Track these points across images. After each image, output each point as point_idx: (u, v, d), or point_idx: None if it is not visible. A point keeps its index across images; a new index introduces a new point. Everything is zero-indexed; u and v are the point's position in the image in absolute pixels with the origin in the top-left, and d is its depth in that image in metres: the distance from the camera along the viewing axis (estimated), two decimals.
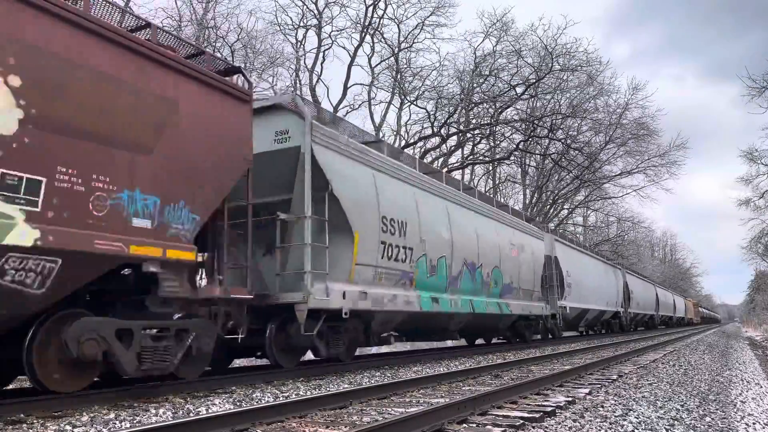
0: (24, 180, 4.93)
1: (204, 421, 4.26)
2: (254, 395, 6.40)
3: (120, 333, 5.82)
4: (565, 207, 43.18)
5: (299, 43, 27.82)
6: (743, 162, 33.84)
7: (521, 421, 4.73)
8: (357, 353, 14.98)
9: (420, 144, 31.25)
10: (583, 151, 34.59)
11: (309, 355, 9.92)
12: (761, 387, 8.46)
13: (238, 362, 11.12)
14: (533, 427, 4.63)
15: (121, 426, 4.68)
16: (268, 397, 6.27)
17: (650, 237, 73.01)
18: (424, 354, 13.37)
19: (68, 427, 4.57)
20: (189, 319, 6.65)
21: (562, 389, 6.96)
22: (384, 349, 16.45)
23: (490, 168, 37.71)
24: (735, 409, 6.14)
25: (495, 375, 8.63)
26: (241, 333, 7.49)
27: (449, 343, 19.79)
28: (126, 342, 5.87)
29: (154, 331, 6.26)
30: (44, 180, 5.05)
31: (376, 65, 29.39)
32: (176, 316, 6.58)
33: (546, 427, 4.64)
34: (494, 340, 18.89)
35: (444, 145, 31.66)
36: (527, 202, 39.08)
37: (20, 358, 5.34)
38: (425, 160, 28.94)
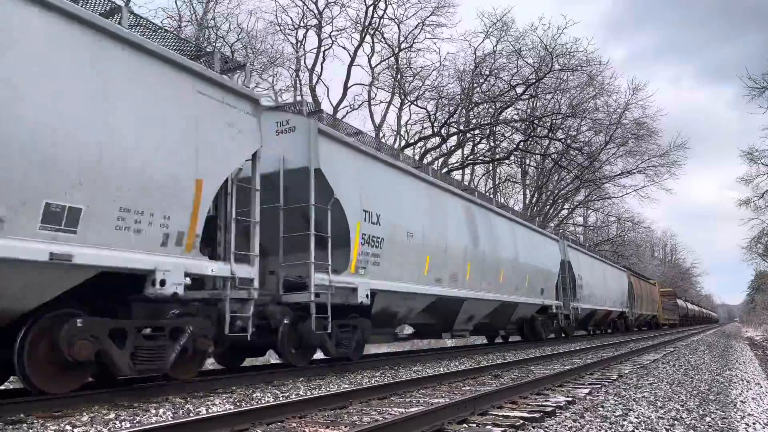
0: None
1: (204, 421, 4.26)
2: (254, 395, 6.40)
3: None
4: (565, 207, 43.20)
5: (299, 43, 27.85)
6: (743, 162, 33.83)
7: (521, 421, 4.73)
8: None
9: (420, 144, 31.29)
10: (583, 151, 34.59)
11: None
12: (761, 387, 8.45)
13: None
14: (533, 427, 4.63)
15: (121, 426, 4.68)
16: (268, 397, 6.27)
17: (650, 237, 72.87)
18: (424, 354, 13.37)
19: (68, 427, 4.57)
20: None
21: (562, 389, 6.96)
22: (384, 348, 16.46)
23: (490, 168, 37.72)
24: (735, 409, 6.14)
25: (495, 375, 8.63)
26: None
27: (449, 343, 19.88)
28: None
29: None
30: None
31: (376, 65, 29.43)
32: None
33: (546, 427, 4.64)
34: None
35: (444, 145, 31.68)
36: (527, 202, 39.09)
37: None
38: (425, 160, 28.99)
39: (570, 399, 6.08)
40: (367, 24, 27.73)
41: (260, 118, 7.35)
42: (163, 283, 5.86)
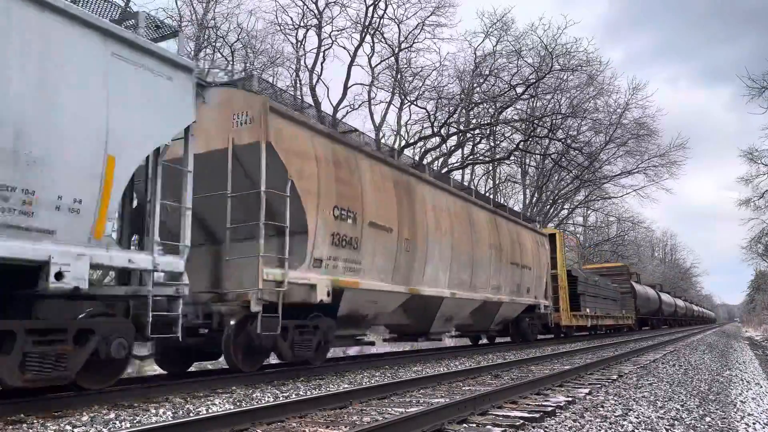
0: None
1: (204, 421, 4.26)
2: (254, 395, 6.40)
3: None
4: (565, 207, 43.19)
5: (299, 43, 27.83)
6: (742, 162, 33.93)
7: (521, 421, 4.73)
8: (357, 353, 15.06)
9: (420, 144, 31.28)
10: (583, 151, 34.59)
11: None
12: (761, 387, 8.45)
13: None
14: (533, 427, 4.63)
15: (121, 426, 4.68)
16: (268, 397, 6.27)
17: (650, 237, 72.77)
18: (424, 354, 13.37)
19: (68, 427, 4.57)
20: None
21: (562, 389, 6.96)
22: (384, 348, 16.45)
23: (490, 168, 37.72)
24: (735, 409, 6.14)
25: (495, 375, 8.63)
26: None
27: (449, 342, 19.90)
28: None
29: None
30: None
31: (376, 65, 29.41)
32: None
33: (546, 427, 4.64)
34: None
35: (444, 145, 31.66)
36: (527, 202, 39.09)
37: None
38: (425, 160, 28.98)
39: (570, 399, 6.08)
40: (367, 24, 27.74)
41: None
42: None
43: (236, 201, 7.64)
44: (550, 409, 5.35)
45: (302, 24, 27.51)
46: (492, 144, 35.00)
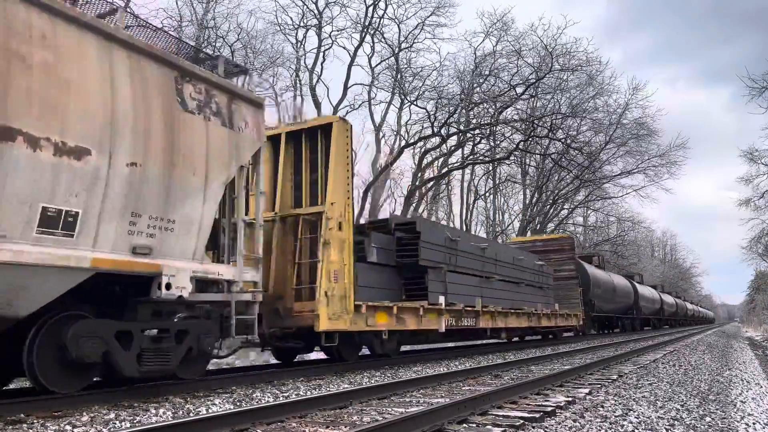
0: None
1: (204, 421, 4.26)
2: (254, 395, 6.40)
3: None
4: (565, 207, 43.17)
5: (299, 43, 27.85)
6: (742, 162, 33.99)
7: (521, 421, 4.73)
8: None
9: (420, 144, 31.26)
10: (583, 151, 34.57)
11: None
12: (761, 387, 8.45)
13: (239, 362, 11.15)
14: (533, 427, 4.63)
15: (121, 426, 4.68)
16: (268, 397, 6.27)
17: (650, 237, 72.68)
18: (424, 354, 13.37)
19: (68, 427, 4.57)
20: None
21: (562, 389, 6.96)
22: None
23: (490, 168, 37.71)
24: (735, 409, 6.14)
25: (495, 375, 8.63)
26: None
27: (449, 343, 19.74)
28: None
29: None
30: None
31: (376, 65, 29.42)
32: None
33: (546, 427, 4.64)
34: None
35: (444, 145, 31.65)
36: (527, 202, 39.10)
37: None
38: (425, 160, 28.98)
39: (570, 399, 6.08)
40: (367, 24, 27.74)
41: None
42: None
43: None
44: (550, 409, 5.35)
45: (302, 24, 27.55)
46: (492, 144, 34.98)
